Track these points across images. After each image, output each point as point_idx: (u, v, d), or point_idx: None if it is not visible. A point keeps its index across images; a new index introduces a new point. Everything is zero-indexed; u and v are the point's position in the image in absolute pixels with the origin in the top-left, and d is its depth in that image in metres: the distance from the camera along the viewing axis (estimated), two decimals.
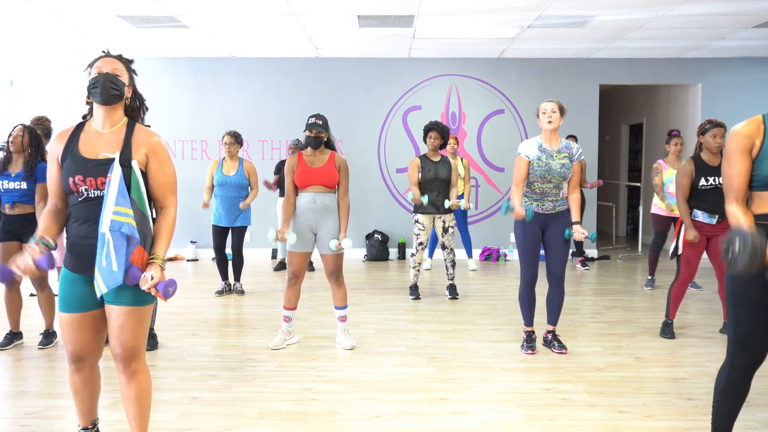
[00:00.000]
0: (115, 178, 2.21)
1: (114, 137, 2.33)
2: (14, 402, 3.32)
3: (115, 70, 2.34)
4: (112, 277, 2.21)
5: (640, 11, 5.94)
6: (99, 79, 2.28)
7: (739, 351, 2.34)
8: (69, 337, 2.36)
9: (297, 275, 4.20)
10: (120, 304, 2.30)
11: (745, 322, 2.30)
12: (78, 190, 2.28)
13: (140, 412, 2.42)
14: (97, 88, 2.28)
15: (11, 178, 4.09)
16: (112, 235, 2.20)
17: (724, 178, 2.31)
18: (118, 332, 2.32)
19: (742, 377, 2.36)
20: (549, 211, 3.99)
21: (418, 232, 5.60)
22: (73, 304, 2.33)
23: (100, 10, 5.86)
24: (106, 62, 2.36)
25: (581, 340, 4.43)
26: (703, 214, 4.33)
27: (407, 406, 3.25)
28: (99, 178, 2.26)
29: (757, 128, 2.26)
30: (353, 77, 8.31)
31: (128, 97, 2.42)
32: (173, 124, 8.30)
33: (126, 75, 2.39)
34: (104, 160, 2.27)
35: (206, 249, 8.17)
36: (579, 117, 8.23)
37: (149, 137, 2.37)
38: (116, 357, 2.36)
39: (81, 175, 2.26)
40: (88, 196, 2.28)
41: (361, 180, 8.17)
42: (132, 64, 2.47)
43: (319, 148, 4.14)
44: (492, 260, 8.15)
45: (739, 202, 2.26)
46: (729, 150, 2.29)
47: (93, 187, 2.27)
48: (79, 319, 2.34)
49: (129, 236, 2.23)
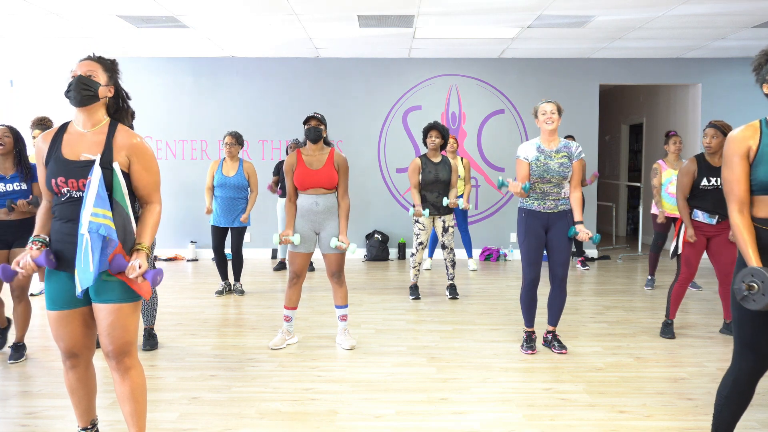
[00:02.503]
0: (95, 181, 2.24)
1: (95, 137, 2.36)
2: (14, 402, 3.32)
3: (89, 72, 2.36)
4: (86, 277, 2.24)
5: (640, 11, 5.94)
6: (72, 82, 2.32)
7: (745, 356, 2.33)
8: (60, 335, 2.39)
9: (298, 275, 4.20)
10: (106, 302, 2.32)
11: (751, 327, 2.29)
12: (60, 191, 2.31)
13: (136, 409, 2.43)
14: (71, 91, 2.32)
15: (6, 180, 3.95)
16: (90, 236, 2.22)
17: (724, 183, 2.33)
18: (108, 330, 2.34)
19: (748, 383, 2.35)
20: (551, 210, 3.99)
21: (418, 232, 5.60)
22: (59, 302, 2.36)
23: (100, 10, 5.86)
24: (81, 65, 2.38)
25: (581, 340, 4.43)
26: (703, 214, 4.33)
27: (407, 406, 3.25)
28: (80, 180, 2.29)
29: (753, 132, 2.27)
30: (353, 77, 8.31)
31: (108, 96, 2.42)
32: (173, 124, 8.31)
33: (103, 75, 2.39)
34: (85, 161, 2.30)
35: (206, 249, 8.17)
36: (579, 117, 8.23)
37: (131, 139, 2.38)
38: (108, 354, 2.38)
39: (63, 176, 2.29)
40: (71, 197, 2.31)
41: (361, 180, 8.17)
42: (113, 65, 2.46)
43: (318, 142, 4.14)
44: (492, 260, 8.15)
45: (742, 210, 2.27)
46: (727, 155, 2.30)
47: (75, 188, 2.30)
48: (67, 316, 2.37)
49: (107, 238, 2.25)
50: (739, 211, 2.27)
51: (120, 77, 2.48)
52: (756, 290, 2.09)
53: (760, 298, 2.08)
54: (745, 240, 2.23)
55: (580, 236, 3.91)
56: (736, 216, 2.27)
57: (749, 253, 2.20)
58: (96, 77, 2.36)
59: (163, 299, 5.62)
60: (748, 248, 2.21)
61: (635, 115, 10.53)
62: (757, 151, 2.25)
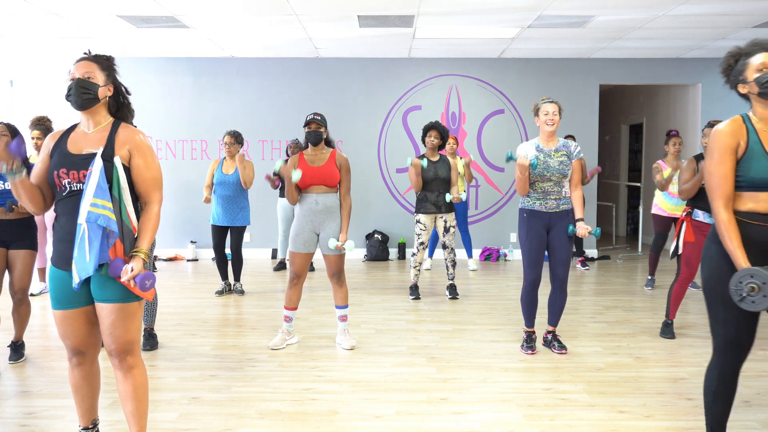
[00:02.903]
0: (96, 171, 2.26)
1: (98, 135, 2.39)
2: (14, 402, 3.32)
3: (87, 74, 2.36)
4: (84, 267, 2.24)
5: (640, 11, 5.94)
6: (71, 86, 2.34)
7: (729, 351, 2.36)
8: (66, 333, 2.40)
9: (299, 276, 4.20)
10: (108, 302, 2.33)
11: (732, 323, 2.32)
12: (61, 183, 2.32)
13: (138, 408, 2.43)
14: (71, 96, 2.34)
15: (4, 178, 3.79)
16: (88, 225, 2.23)
17: (709, 177, 2.30)
18: (111, 329, 2.35)
19: (732, 373, 2.40)
20: (553, 210, 3.98)
21: (420, 231, 5.60)
22: (63, 301, 2.36)
23: (100, 10, 5.86)
24: (78, 66, 2.38)
25: (581, 340, 4.43)
26: (704, 215, 4.33)
27: (407, 406, 3.25)
28: (81, 171, 2.31)
29: (739, 127, 2.28)
30: (353, 77, 8.31)
31: (108, 96, 2.43)
32: (173, 124, 8.31)
33: (101, 75, 2.39)
34: (87, 154, 2.32)
35: (206, 249, 8.17)
36: (579, 117, 8.23)
37: (133, 135, 2.41)
38: (111, 353, 2.39)
39: (65, 168, 2.31)
40: (71, 190, 2.32)
41: (361, 180, 8.16)
42: (110, 62, 2.46)
43: (318, 144, 4.14)
44: (492, 260, 8.15)
45: (728, 206, 2.27)
46: (714, 149, 2.29)
47: (75, 180, 2.31)
48: (71, 315, 2.37)
49: (106, 229, 2.26)
50: (725, 206, 2.27)
51: (118, 73, 2.48)
52: (756, 291, 2.09)
53: (761, 300, 2.08)
54: (732, 240, 2.22)
55: (580, 232, 3.91)
56: (723, 212, 2.26)
57: (738, 254, 2.20)
58: (94, 78, 2.37)
59: (163, 299, 5.62)
60: (736, 249, 2.21)
61: (635, 115, 10.53)
62: (747, 147, 2.25)
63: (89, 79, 2.36)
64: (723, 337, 2.36)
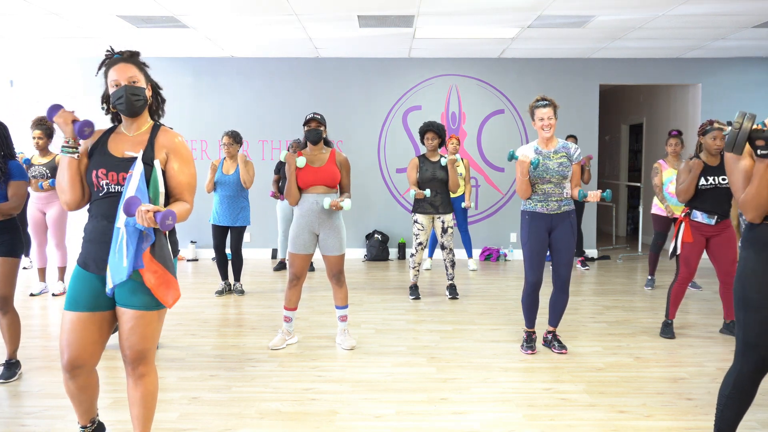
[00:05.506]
0: (136, 174, 2.24)
1: (139, 138, 2.40)
2: (14, 402, 3.32)
3: (132, 78, 2.36)
4: (119, 272, 2.22)
5: (640, 11, 5.94)
6: (121, 94, 2.32)
7: (748, 356, 2.33)
8: (68, 340, 2.31)
9: (298, 276, 4.20)
10: (131, 308, 2.30)
11: (754, 327, 2.29)
12: (99, 183, 2.31)
13: (144, 414, 2.43)
14: (122, 104, 2.33)
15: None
16: (126, 229, 2.21)
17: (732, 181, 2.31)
18: (128, 334, 2.32)
19: (750, 382, 2.35)
20: (555, 211, 3.98)
21: (418, 232, 5.60)
22: (81, 303, 2.31)
23: (100, 10, 5.86)
24: (119, 71, 2.35)
25: (581, 340, 4.43)
26: (702, 215, 4.33)
27: (407, 406, 3.25)
28: (121, 174, 2.30)
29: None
30: (353, 77, 8.31)
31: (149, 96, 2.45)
32: (173, 124, 8.15)
33: (142, 77, 2.41)
34: (128, 158, 2.32)
35: (206, 249, 8.17)
36: (579, 117, 8.23)
37: (173, 138, 2.43)
38: (125, 359, 2.37)
39: (104, 168, 2.30)
40: (109, 191, 2.31)
41: (361, 180, 8.16)
42: (140, 58, 2.47)
43: (318, 143, 4.14)
44: (492, 260, 8.15)
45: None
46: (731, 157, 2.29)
47: (114, 182, 2.30)
48: (85, 319, 2.31)
49: (143, 233, 2.23)
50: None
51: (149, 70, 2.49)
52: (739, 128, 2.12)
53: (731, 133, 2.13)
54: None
55: (590, 197, 3.85)
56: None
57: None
58: (139, 82, 2.38)
59: None
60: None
61: (635, 115, 10.53)
62: None
63: (135, 83, 2.36)
64: (742, 340, 2.34)
